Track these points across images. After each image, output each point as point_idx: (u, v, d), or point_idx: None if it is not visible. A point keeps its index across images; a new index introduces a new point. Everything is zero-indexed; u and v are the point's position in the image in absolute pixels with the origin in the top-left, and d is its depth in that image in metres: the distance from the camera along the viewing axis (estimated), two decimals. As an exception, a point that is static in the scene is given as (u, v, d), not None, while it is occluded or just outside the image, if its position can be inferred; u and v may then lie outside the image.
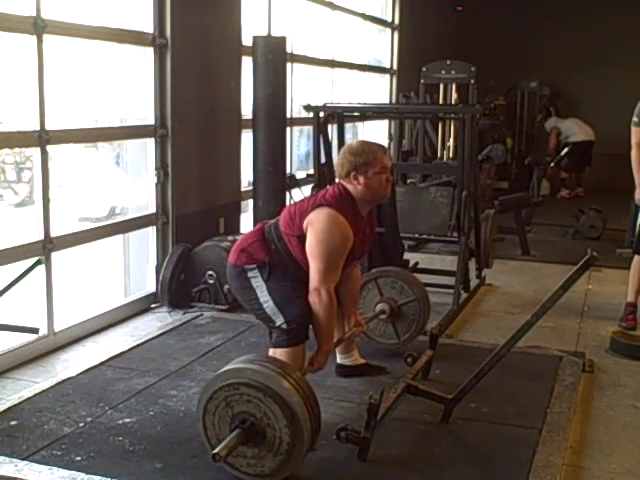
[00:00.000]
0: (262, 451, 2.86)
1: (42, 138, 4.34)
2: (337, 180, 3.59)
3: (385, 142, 10.14)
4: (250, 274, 3.44)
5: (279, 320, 3.37)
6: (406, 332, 4.36)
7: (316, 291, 3.29)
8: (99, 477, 2.94)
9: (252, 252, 3.47)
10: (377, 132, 10.06)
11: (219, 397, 2.88)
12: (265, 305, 3.41)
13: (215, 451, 2.74)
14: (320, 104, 5.75)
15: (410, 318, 4.34)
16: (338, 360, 4.04)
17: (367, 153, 3.44)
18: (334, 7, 8.44)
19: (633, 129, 5.03)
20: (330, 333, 3.40)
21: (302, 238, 3.37)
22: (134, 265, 5.69)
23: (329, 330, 3.39)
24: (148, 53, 5.29)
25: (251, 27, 6.32)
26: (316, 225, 3.32)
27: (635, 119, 4.99)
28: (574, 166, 11.22)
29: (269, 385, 2.81)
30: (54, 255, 4.53)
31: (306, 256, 3.34)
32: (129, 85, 5.45)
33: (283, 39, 5.76)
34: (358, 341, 4.15)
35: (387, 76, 10.54)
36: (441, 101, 8.22)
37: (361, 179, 3.42)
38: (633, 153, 5.05)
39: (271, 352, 3.41)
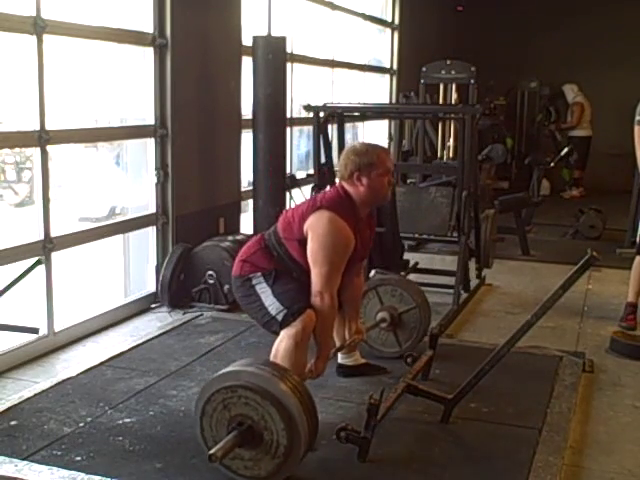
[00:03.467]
0: (259, 454, 2.85)
1: (42, 138, 4.33)
2: (337, 182, 3.57)
3: (385, 142, 10.15)
4: (255, 281, 3.42)
5: (281, 314, 3.30)
6: (407, 340, 4.30)
7: (319, 294, 3.28)
8: (99, 477, 2.94)
9: (255, 261, 3.46)
10: (377, 132, 10.06)
11: (217, 399, 2.88)
12: (270, 308, 3.35)
13: (211, 452, 2.74)
14: (320, 104, 5.75)
15: (411, 326, 4.29)
16: (339, 360, 4.04)
17: (371, 154, 3.43)
18: (334, 7, 8.43)
19: (636, 128, 4.98)
20: (330, 338, 3.39)
21: (303, 242, 3.36)
22: (134, 265, 5.69)
23: (329, 335, 3.38)
24: (148, 53, 5.29)
25: (251, 27, 6.32)
26: (317, 229, 3.30)
27: (638, 117, 4.94)
28: (582, 163, 11.19)
29: (266, 388, 2.81)
30: (54, 255, 4.53)
31: (307, 259, 3.33)
32: (129, 85, 5.44)
33: (283, 39, 5.76)
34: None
35: (387, 76, 10.53)
36: (441, 101, 8.22)
37: (364, 180, 3.41)
38: (639, 154, 5.00)
39: (280, 338, 3.31)
